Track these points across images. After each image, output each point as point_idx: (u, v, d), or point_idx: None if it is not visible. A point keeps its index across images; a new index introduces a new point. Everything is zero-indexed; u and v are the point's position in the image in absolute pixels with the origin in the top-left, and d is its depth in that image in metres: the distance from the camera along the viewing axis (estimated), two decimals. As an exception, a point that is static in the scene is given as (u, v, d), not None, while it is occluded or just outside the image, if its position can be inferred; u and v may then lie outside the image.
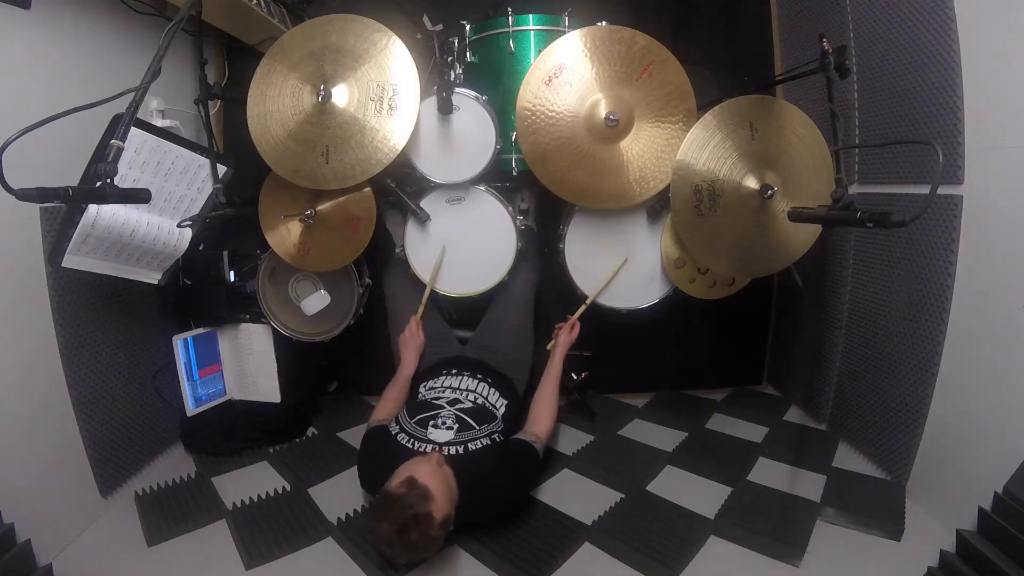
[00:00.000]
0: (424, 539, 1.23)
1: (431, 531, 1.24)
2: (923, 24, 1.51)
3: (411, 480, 1.28)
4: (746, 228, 1.60)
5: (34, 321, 1.41)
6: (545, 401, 1.70)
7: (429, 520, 1.23)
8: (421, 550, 1.26)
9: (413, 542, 1.22)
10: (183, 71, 2.07)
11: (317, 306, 1.89)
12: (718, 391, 2.37)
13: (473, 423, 1.55)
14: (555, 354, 1.82)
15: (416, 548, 1.24)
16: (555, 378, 1.77)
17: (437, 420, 1.55)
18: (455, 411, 1.58)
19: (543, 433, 1.60)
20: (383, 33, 1.59)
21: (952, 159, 1.44)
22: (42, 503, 1.37)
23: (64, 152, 1.34)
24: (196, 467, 1.85)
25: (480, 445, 1.50)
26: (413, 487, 1.27)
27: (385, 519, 1.24)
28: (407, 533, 1.22)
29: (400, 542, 1.22)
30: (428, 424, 1.53)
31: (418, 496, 1.25)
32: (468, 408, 1.61)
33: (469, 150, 1.73)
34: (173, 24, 1.20)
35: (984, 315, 1.40)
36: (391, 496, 1.27)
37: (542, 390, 1.75)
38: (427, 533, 1.23)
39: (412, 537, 1.22)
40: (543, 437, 1.59)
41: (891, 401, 1.67)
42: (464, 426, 1.54)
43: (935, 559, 1.29)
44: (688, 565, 1.38)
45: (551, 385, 1.75)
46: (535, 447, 1.54)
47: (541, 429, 1.60)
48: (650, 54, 1.60)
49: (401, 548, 1.23)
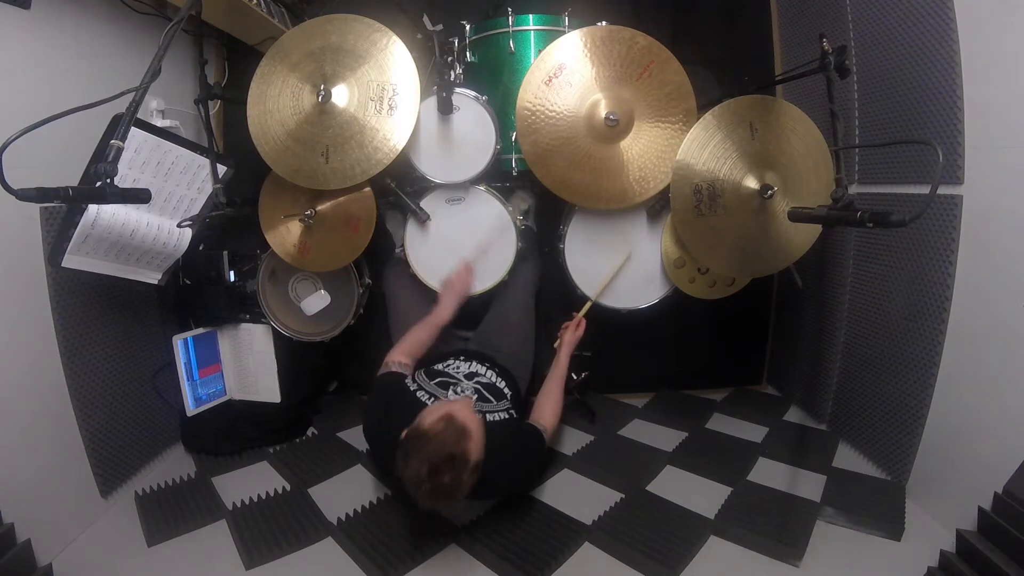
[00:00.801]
0: (456, 482, 1.18)
1: (464, 474, 1.19)
2: (923, 24, 1.51)
3: (449, 417, 1.23)
4: (746, 228, 1.60)
5: (34, 321, 1.42)
6: (550, 397, 1.70)
7: (464, 460, 1.19)
8: (450, 494, 1.20)
9: (445, 485, 1.17)
10: (183, 71, 2.07)
11: (317, 306, 1.89)
12: (718, 391, 2.37)
13: (490, 397, 1.56)
14: (561, 352, 1.82)
15: (445, 492, 1.18)
16: (560, 375, 1.78)
17: (457, 388, 1.55)
18: (473, 384, 1.60)
19: (549, 426, 1.60)
20: (383, 33, 1.59)
21: (952, 159, 1.44)
22: (42, 503, 1.36)
23: (64, 152, 1.34)
24: (196, 467, 1.85)
25: (499, 418, 1.50)
26: (451, 424, 1.22)
27: (417, 457, 1.18)
28: (440, 474, 1.16)
29: (430, 483, 1.16)
30: (448, 388, 1.53)
31: (456, 433, 1.20)
32: (484, 383, 1.62)
33: (469, 150, 1.73)
34: (173, 24, 1.20)
35: (984, 315, 1.40)
36: (426, 433, 1.21)
37: (547, 387, 1.75)
38: (460, 476, 1.18)
39: (445, 479, 1.16)
40: (549, 430, 1.60)
41: (891, 401, 1.67)
42: (482, 397, 1.54)
43: (935, 559, 1.29)
44: (688, 565, 1.38)
45: (556, 382, 1.75)
46: (543, 435, 1.55)
47: (547, 422, 1.61)
48: (650, 54, 1.60)
49: (430, 490, 1.18)
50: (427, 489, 1.18)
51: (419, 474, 1.17)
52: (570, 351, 1.83)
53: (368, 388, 1.69)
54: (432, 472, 1.16)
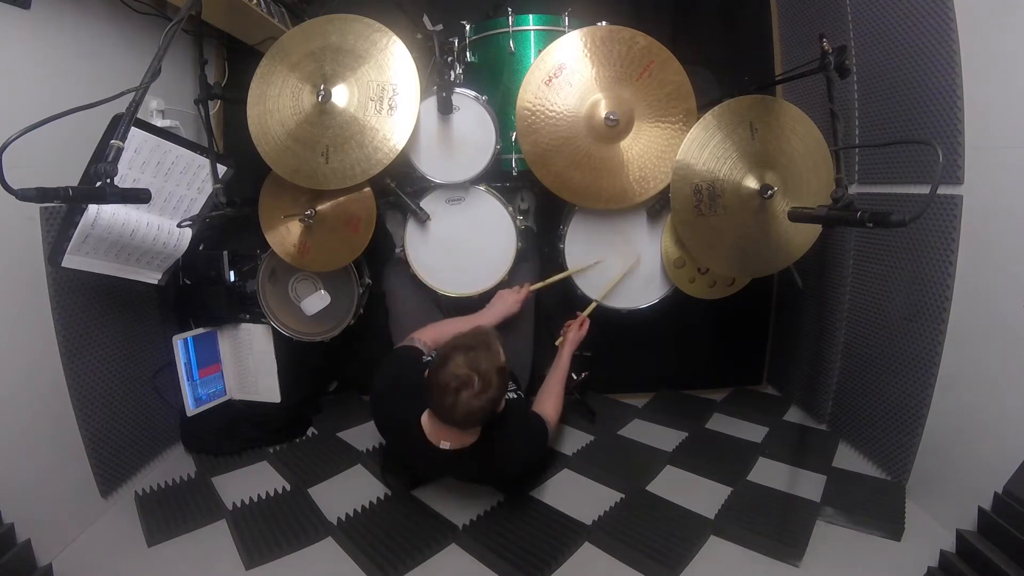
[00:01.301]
0: (492, 370, 1.24)
1: (496, 364, 1.26)
2: (923, 24, 1.51)
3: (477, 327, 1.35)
4: (746, 228, 1.60)
5: (34, 321, 1.42)
6: (551, 394, 1.70)
7: (497, 352, 1.27)
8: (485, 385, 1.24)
9: (483, 370, 1.23)
10: (183, 71, 2.07)
11: (317, 306, 1.89)
12: (718, 391, 2.37)
13: None
14: (563, 350, 1.82)
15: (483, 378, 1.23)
16: (562, 373, 1.78)
17: None
18: None
19: (551, 422, 1.60)
20: (383, 33, 1.59)
21: (952, 159, 1.44)
22: (42, 503, 1.36)
23: (64, 152, 1.34)
24: (196, 467, 1.85)
25: (511, 396, 1.52)
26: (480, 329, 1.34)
27: (456, 351, 1.26)
28: (479, 359, 1.23)
29: (468, 368, 1.22)
30: None
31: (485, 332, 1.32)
32: None
33: (469, 150, 1.73)
34: (173, 24, 1.20)
35: (984, 315, 1.40)
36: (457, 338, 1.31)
37: (548, 385, 1.75)
38: (494, 364, 1.25)
39: (483, 364, 1.23)
40: (552, 423, 1.60)
41: (891, 401, 1.67)
42: None
43: (935, 559, 1.29)
44: (688, 565, 1.38)
45: (557, 380, 1.75)
46: (546, 425, 1.55)
47: (548, 416, 1.61)
48: (650, 54, 1.60)
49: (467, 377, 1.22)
50: (465, 376, 1.22)
51: (457, 364, 1.23)
52: (572, 349, 1.83)
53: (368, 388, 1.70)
54: (470, 360, 1.23)
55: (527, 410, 1.58)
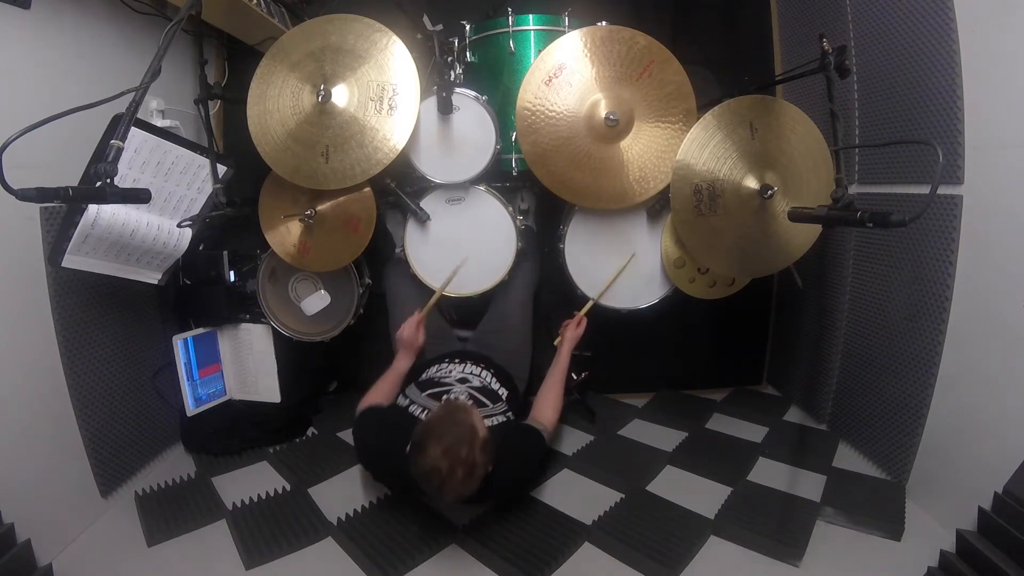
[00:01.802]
0: (472, 455, 1.20)
1: (477, 448, 1.21)
2: (923, 24, 1.51)
3: (447, 401, 1.30)
4: (746, 228, 1.60)
5: (34, 321, 1.41)
6: (550, 395, 1.70)
7: (475, 433, 1.22)
8: (468, 472, 1.21)
9: (463, 459, 1.19)
10: (183, 71, 2.07)
11: (317, 306, 1.89)
12: (718, 391, 2.37)
13: (485, 400, 1.56)
14: (562, 349, 1.82)
15: (464, 467, 1.19)
16: (561, 373, 1.77)
17: (450, 395, 1.54)
18: (467, 388, 1.59)
19: (549, 425, 1.60)
20: (383, 33, 1.59)
21: (952, 159, 1.44)
22: (42, 503, 1.37)
23: (64, 152, 1.34)
24: (196, 467, 1.85)
25: (496, 422, 1.50)
26: (452, 406, 1.27)
27: (430, 443, 1.21)
28: (456, 449, 1.19)
29: (448, 461, 1.18)
30: (441, 398, 1.52)
31: (459, 410, 1.25)
32: (478, 387, 1.61)
33: (469, 150, 1.73)
34: (173, 24, 1.20)
35: (984, 315, 1.40)
36: (430, 422, 1.26)
37: (547, 384, 1.74)
38: (474, 448, 1.20)
39: (461, 452, 1.19)
40: (549, 428, 1.59)
41: (891, 401, 1.67)
42: (478, 403, 1.54)
43: (935, 559, 1.29)
44: (688, 565, 1.38)
45: (557, 380, 1.75)
46: (543, 434, 1.54)
47: (547, 420, 1.60)
48: (650, 54, 1.60)
49: (449, 470, 1.18)
50: (446, 470, 1.19)
51: (435, 457, 1.19)
52: (571, 348, 1.82)
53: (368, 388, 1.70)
54: (447, 450, 1.19)
55: (517, 430, 1.55)
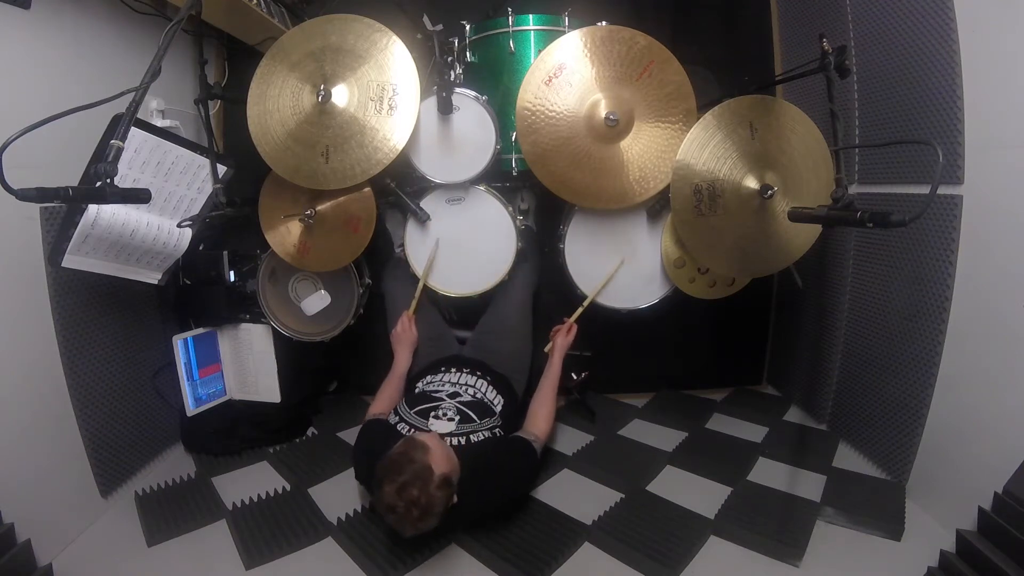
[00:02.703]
0: (425, 496, 1.21)
1: (431, 486, 1.22)
2: (923, 24, 1.51)
3: (409, 439, 1.31)
4: (746, 228, 1.60)
5: (34, 321, 1.41)
6: (544, 403, 1.70)
7: (428, 472, 1.23)
8: (424, 512, 1.21)
9: (415, 499, 1.20)
10: (183, 71, 2.07)
11: (317, 306, 1.89)
12: (718, 391, 2.37)
13: (474, 416, 1.55)
14: (553, 357, 1.82)
15: (418, 508, 1.20)
16: (553, 380, 1.77)
17: (438, 411, 1.54)
18: (456, 403, 1.59)
19: (542, 434, 1.60)
20: (383, 33, 1.59)
21: (952, 159, 1.44)
22: (42, 503, 1.36)
23: (64, 152, 1.34)
24: (196, 467, 1.85)
25: (482, 437, 1.50)
26: (411, 444, 1.29)
27: (386, 479, 1.23)
28: (408, 489, 1.20)
29: (402, 500, 1.19)
30: (429, 415, 1.53)
31: (416, 448, 1.26)
32: (468, 401, 1.61)
33: (469, 150, 1.73)
34: (173, 24, 1.20)
35: (984, 315, 1.40)
36: (390, 457, 1.27)
37: (541, 392, 1.74)
38: (427, 488, 1.21)
39: (413, 492, 1.20)
40: (541, 438, 1.59)
41: (891, 401, 1.67)
42: (465, 418, 1.53)
43: (935, 559, 1.29)
44: (688, 565, 1.38)
45: (550, 387, 1.75)
46: (534, 446, 1.54)
47: (540, 430, 1.61)
48: (650, 54, 1.60)
49: (404, 509, 1.20)
50: (401, 509, 1.20)
51: (390, 494, 1.21)
52: (562, 355, 1.82)
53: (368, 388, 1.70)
54: (400, 489, 1.20)
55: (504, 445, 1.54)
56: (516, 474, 1.52)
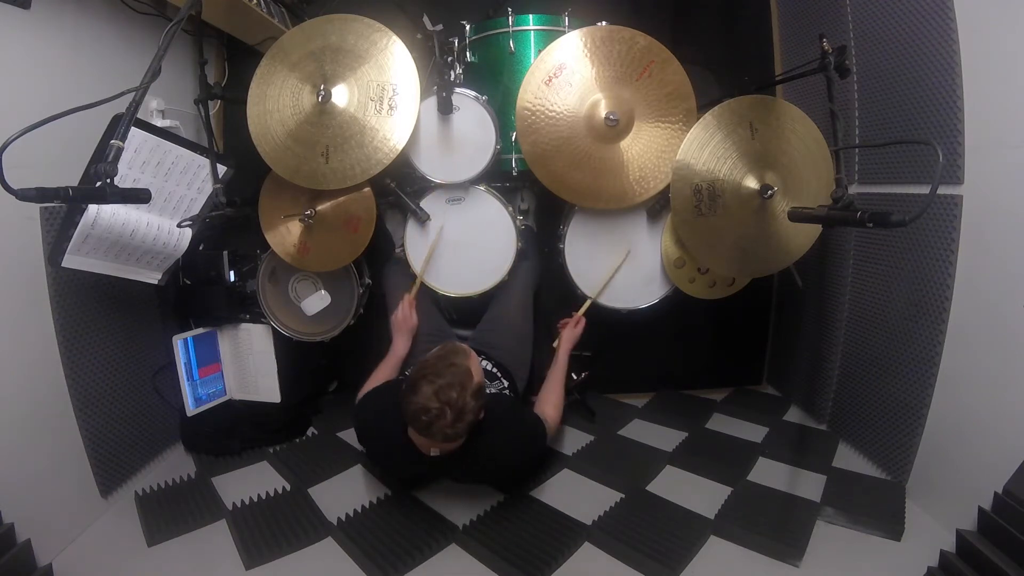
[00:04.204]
0: (462, 400, 1.19)
1: (468, 391, 1.20)
2: (923, 24, 1.51)
3: (448, 344, 1.29)
4: (746, 228, 1.60)
5: (34, 321, 1.41)
6: (552, 395, 1.70)
7: (469, 377, 1.21)
8: (457, 415, 1.19)
9: (453, 400, 1.18)
10: (183, 71, 2.07)
11: (317, 306, 1.89)
12: (718, 391, 2.37)
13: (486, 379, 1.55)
14: (560, 350, 1.82)
15: (454, 409, 1.18)
16: (560, 373, 1.77)
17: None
18: None
19: (552, 420, 1.60)
20: (383, 33, 1.59)
21: (952, 159, 1.44)
22: (42, 503, 1.36)
23: (64, 152, 1.34)
24: (196, 467, 1.85)
25: (496, 391, 1.49)
26: (451, 348, 1.27)
27: (423, 380, 1.20)
28: (447, 390, 1.18)
29: (439, 402, 1.17)
30: None
31: (457, 353, 1.25)
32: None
33: (469, 150, 1.73)
34: (173, 24, 1.20)
35: (984, 315, 1.40)
36: (427, 360, 1.25)
37: (548, 385, 1.75)
38: (465, 393, 1.19)
39: (452, 395, 1.18)
40: (552, 425, 1.59)
41: (891, 401, 1.67)
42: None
43: (935, 559, 1.29)
44: (688, 565, 1.38)
45: (556, 381, 1.75)
46: (545, 424, 1.54)
47: (549, 418, 1.60)
48: (650, 54, 1.60)
49: (438, 411, 1.17)
50: (435, 410, 1.18)
51: (427, 395, 1.18)
52: (569, 348, 1.82)
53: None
54: (439, 390, 1.18)
55: (520, 409, 1.56)
56: (530, 440, 1.49)
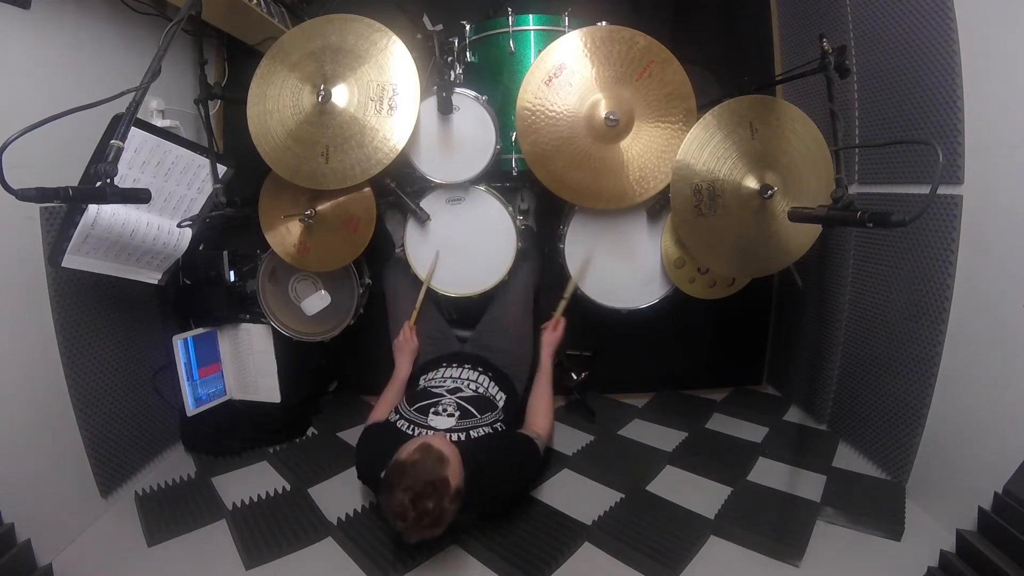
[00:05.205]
0: (439, 508, 1.19)
1: (446, 499, 1.20)
2: (923, 24, 1.51)
3: (425, 445, 1.26)
4: (746, 228, 1.60)
5: (34, 321, 1.41)
6: (540, 401, 1.70)
7: (445, 485, 1.20)
8: (434, 522, 1.20)
9: (429, 511, 1.18)
10: (183, 71, 2.07)
11: (317, 306, 1.89)
12: (718, 391, 2.37)
13: (474, 411, 1.55)
14: (542, 354, 1.82)
15: (430, 518, 1.19)
16: (546, 377, 1.77)
17: (438, 407, 1.54)
18: (456, 399, 1.58)
19: (543, 431, 1.60)
20: (383, 33, 1.59)
21: (952, 159, 1.44)
22: (42, 503, 1.36)
23: (64, 152, 1.34)
24: (196, 467, 1.85)
25: (482, 433, 1.49)
26: (428, 451, 1.24)
27: (399, 487, 1.19)
28: (423, 500, 1.17)
29: (415, 511, 1.17)
30: (428, 411, 1.52)
31: (434, 460, 1.22)
32: (469, 396, 1.61)
33: (469, 150, 1.73)
34: (173, 24, 1.20)
35: (984, 315, 1.40)
36: (404, 464, 1.23)
37: (536, 390, 1.75)
38: (442, 501, 1.19)
39: (428, 505, 1.17)
40: (543, 435, 1.59)
41: (891, 401, 1.67)
42: (465, 414, 1.53)
43: (935, 559, 1.29)
44: (688, 565, 1.38)
45: (543, 387, 1.75)
46: (536, 443, 1.54)
47: (540, 428, 1.61)
48: (650, 54, 1.60)
49: (415, 519, 1.18)
50: (412, 519, 1.18)
51: (402, 503, 1.18)
52: (551, 351, 1.82)
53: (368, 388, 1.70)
54: (415, 499, 1.18)
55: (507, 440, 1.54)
56: (517, 472, 1.51)
